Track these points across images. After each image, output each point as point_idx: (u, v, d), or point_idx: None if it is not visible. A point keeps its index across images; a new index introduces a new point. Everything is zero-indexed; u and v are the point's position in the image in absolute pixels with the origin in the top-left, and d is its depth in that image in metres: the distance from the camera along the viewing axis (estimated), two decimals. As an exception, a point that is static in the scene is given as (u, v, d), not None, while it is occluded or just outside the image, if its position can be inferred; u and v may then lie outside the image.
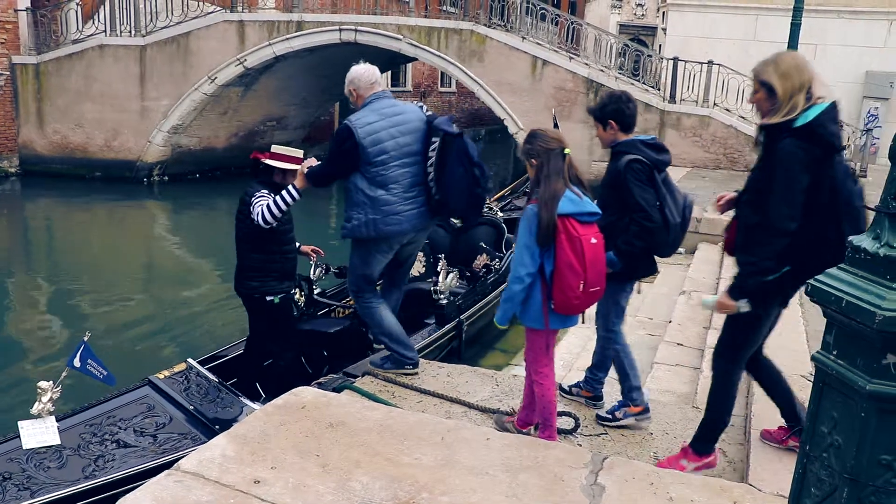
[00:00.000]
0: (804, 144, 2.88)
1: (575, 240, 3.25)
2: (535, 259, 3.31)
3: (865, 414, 1.59)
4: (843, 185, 2.95)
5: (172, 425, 4.23)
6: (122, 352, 7.53)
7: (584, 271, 3.25)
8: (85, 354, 4.03)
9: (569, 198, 3.31)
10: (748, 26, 17.23)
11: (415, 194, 4.26)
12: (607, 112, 3.77)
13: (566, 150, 3.40)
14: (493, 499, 2.89)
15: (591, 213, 3.37)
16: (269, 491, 2.85)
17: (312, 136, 21.56)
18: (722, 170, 14.28)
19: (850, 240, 1.69)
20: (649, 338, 6.05)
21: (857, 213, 2.93)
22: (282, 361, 5.01)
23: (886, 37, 16.84)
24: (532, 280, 3.36)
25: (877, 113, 16.71)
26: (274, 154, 4.79)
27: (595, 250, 3.31)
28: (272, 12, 17.71)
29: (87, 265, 11.35)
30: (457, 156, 4.16)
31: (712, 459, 3.45)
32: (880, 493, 1.61)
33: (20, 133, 16.62)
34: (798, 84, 2.95)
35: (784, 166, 2.90)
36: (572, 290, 3.26)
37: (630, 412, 3.97)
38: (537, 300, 3.38)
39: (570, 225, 3.27)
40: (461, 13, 16.56)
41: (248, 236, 4.72)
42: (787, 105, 2.95)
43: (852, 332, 1.62)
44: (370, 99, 4.33)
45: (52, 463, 3.75)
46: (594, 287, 3.33)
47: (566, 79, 14.89)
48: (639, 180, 3.58)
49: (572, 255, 3.24)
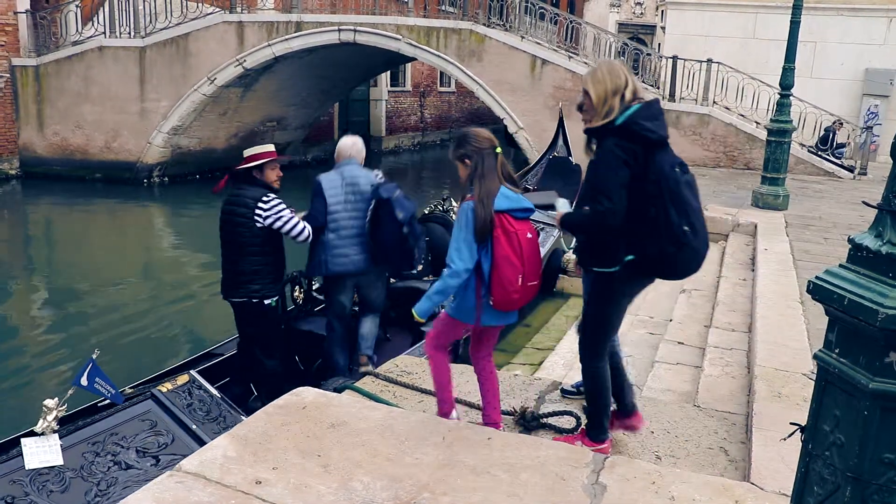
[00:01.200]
0: (622, 142, 3.16)
1: (511, 234, 3.31)
2: (474, 255, 3.35)
3: (868, 412, 1.58)
4: (668, 175, 3.17)
5: (174, 445, 4.19)
6: (122, 354, 7.53)
7: (523, 265, 3.31)
8: (93, 373, 3.98)
9: (504, 195, 3.37)
10: (747, 24, 17.23)
11: (358, 242, 5.20)
12: None
13: (497, 150, 3.46)
14: (495, 498, 2.89)
15: (525, 210, 3.43)
16: (271, 491, 2.85)
17: (312, 137, 21.55)
18: (722, 168, 14.27)
19: (852, 238, 1.68)
20: (650, 336, 6.04)
21: (681, 198, 3.16)
22: (267, 370, 5.01)
23: (886, 33, 16.84)
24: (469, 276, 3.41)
25: (877, 110, 16.70)
26: (249, 158, 4.91)
27: (531, 245, 3.38)
28: (271, 13, 17.72)
29: (87, 267, 11.35)
30: (389, 217, 5.04)
31: (606, 447, 3.57)
32: (883, 491, 1.60)
33: (20, 135, 16.64)
34: (612, 89, 3.23)
35: (604, 163, 3.20)
36: (511, 283, 3.31)
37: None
38: (471, 296, 3.42)
39: (507, 220, 3.33)
40: (460, 13, 16.55)
41: (253, 241, 4.72)
42: (604, 108, 3.24)
43: (855, 330, 1.62)
44: (342, 163, 5.30)
45: (54, 486, 3.67)
46: (532, 281, 3.39)
47: (566, 78, 14.88)
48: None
49: (510, 249, 3.30)
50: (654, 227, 3.16)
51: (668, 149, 3.29)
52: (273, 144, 5.30)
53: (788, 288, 6.04)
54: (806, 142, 14.55)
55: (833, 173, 13.99)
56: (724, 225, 9.15)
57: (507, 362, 6.70)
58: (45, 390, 5.70)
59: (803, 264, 6.93)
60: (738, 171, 13.96)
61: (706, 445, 3.77)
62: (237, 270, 4.84)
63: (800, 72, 10.97)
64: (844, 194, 11.71)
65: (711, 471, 3.49)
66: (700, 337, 5.72)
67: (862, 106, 16.92)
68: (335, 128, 23.68)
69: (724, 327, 5.65)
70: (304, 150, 21.31)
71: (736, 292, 6.55)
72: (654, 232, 3.16)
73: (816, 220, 9.36)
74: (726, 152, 14.45)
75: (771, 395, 3.97)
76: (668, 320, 6.28)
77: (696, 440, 3.82)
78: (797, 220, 9.29)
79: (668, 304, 6.83)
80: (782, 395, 3.99)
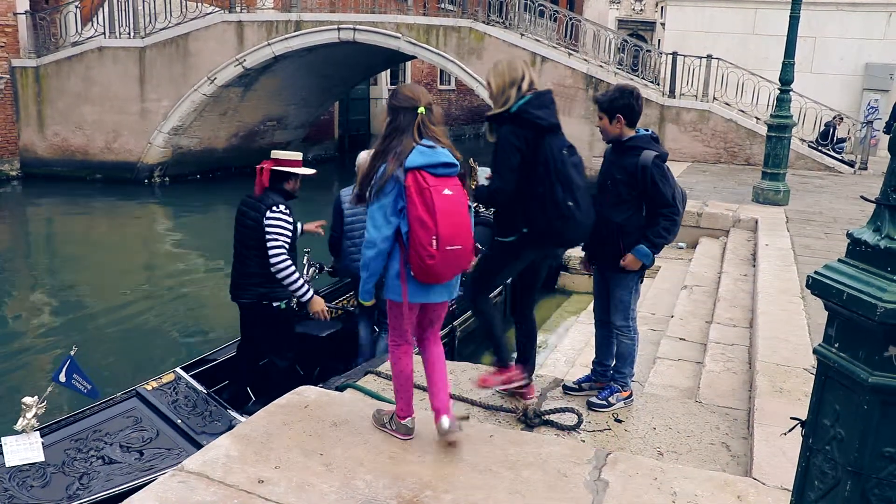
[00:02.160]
0: (515, 128, 3.60)
1: (424, 191, 3.01)
2: (389, 220, 3.07)
3: (868, 406, 1.59)
4: (556, 157, 3.59)
5: (159, 440, 4.19)
6: (120, 356, 7.55)
7: (436, 225, 2.98)
8: (71, 369, 3.99)
9: (419, 150, 3.08)
10: (747, 20, 17.20)
11: None
12: (617, 106, 3.85)
13: (420, 109, 3.16)
14: (497, 496, 2.89)
15: (446, 164, 3.12)
16: (274, 490, 2.86)
17: (312, 136, 21.56)
18: (722, 164, 14.26)
19: (851, 232, 1.69)
20: (651, 333, 6.05)
21: (567, 178, 3.58)
22: (280, 364, 4.99)
23: (886, 28, 16.81)
24: (389, 247, 3.11)
25: (877, 105, 16.67)
26: (278, 161, 4.78)
27: (450, 202, 3.05)
28: (270, 12, 17.71)
29: (88, 268, 11.35)
30: None
31: (513, 372, 3.97)
32: (884, 485, 1.61)
33: (21, 136, 16.65)
34: (509, 81, 3.63)
35: (500, 147, 3.63)
36: (424, 247, 2.98)
37: (622, 396, 4.09)
38: (394, 269, 3.13)
39: (420, 177, 3.03)
40: (459, 11, 16.55)
41: (261, 244, 4.67)
42: (502, 98, 3.65)
43: (854, 324, 1.62)
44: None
45: (35, 481, 3.68)
46: (453, 245, 3.03)
47: (565, 75, 14.88)
48: (664, 176, 3.78)
49: (422, 208, 3.00)
50: (543, 203, 3.59)
51: (559, 133, 3.69)
52: (300, 153, 5.09)
53: (789, 283, 6.04)
54: (806, 137, 14.53)
55: (833, 168, 13.97)
56: (725, 221, 9.15)
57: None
58: (42, 391, 5.71)
59: (804, 259, 6.93)
60: (739, 167, 13.94)
61: (708, 441, 3.78)
62: (246, 272, 4.80)
63: (800, 67, 10.96)
64: (845, 189, 11.70)
65: (713, 466, 3.49)
66: (701, 333, 5.72)
67: (862, 101, 16.88)
68: (335, 126, 23.70)
69: (725, 323, 5.65)
70: (305, 148, 21.29)
71: (737, 288, 6.55)
72: (543, 206, 3.59)
73: (817, 216, 9.36)
74: (727, 148, 14.44)
75: (772, 391, 3.98)
76: (669, 316, 6.28)
77: (697, 436, 3.83)
78: (798, 215, 9.28)
79: (670, 301, 6.84)
80: (784, 390, 3.99)
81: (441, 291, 3.22)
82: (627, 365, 4.08)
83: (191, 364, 5.08)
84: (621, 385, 4.09)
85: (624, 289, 3.96)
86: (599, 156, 15.27)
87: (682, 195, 3.94)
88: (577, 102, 14.73)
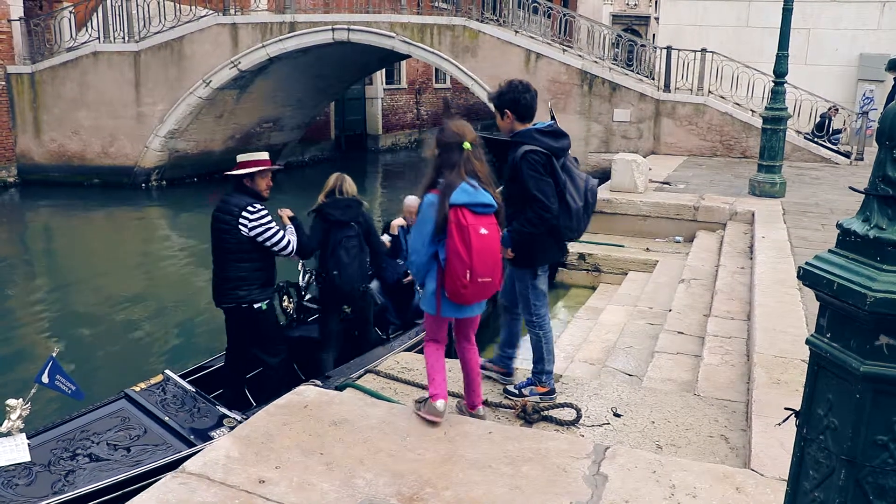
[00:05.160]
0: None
1: (464, 228, 3.33)
2: (426, 245, 3.43)
3: (860, 395, 1.60)
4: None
5: (147, 437, 4.21)
6: (114, 360, 7.55)
7: (471, 260, 3.32)
8: (53, 370, 4.02)
9: (463, 189, 3.39)
10: (740, 13, 17.20)
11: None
12: (504, 101, 3.88)
13: (465, 145, 3.47)
14: (497, 492, 2.91)
15: (485, 205, 3.43)
16: (274, 490, 2.87)
17: (309, 137, 21.56)
18: (719, 157, 14.27)
19: (840, 223, 1.70)
20: (649, 327, 6.06)
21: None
22: (273, 367, 5.02)
23: (880, 19, 16.81)
24: (428, 267, 3.48)
25: (872, 95, 16.67)
26: (241, 164, 4.91)
27: (485, 241, 3.38)
28: (264, 14, 17.71)
29: (86, 273, 11.34)
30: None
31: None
32: (877, 473, 1.62)
33: (17, 142, 16.64)
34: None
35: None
36: (459, 278, 3.35)
37: (536, 391, 4.11)
38: (431, 287, 3.50)
39: (462, 214, 3.35)
40: (453, 9, 16.52)
41: (239, 247, 4.75)
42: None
43: (845, 314, 1.63)
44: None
45: (20, 480, 3.70)
46: (484, 278, 3.39)
47: (560, 71, 14.88)
48: (535, 171, 3.75)
49: (460, 243, 3.33)
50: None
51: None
52: (267, 151, 5.25)
53: (786, 275, 6.05)
54: (802, 129, 14.54)
55: (829, 159, 13.98)
56: (722, 214, 9.17)
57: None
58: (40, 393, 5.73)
59: (801, 251, 6.94)
60: (735, 160, 13.95)
61: (707, 434, 3.80)
62: (224, 277, 4.87)
63: (794, 59, 10.96)
64: (841, 180, 11.70)
65: (712, 459, 3.51)
66: (699, 326, 5.74)
67: (857, 92, 16.88)
68: (331, 127, 23.71)
69: (723, 316, 5.66)
70: (301, 150, 21.33)
71: (734, 281, 6.57)
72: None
73: (813, 207, 9.37)
74: (722, 141, 14.45)
75: (770, 382, 3.99)
76: (667, 310, 6.29)
77: (696, 429, 3.84)
78: (794, 207, 9.29)
79: (668, 294, 6.85)
80: (781, 381, 4.00)
81: (467, 308, 3.57)
82: (538, 360, 4.09)
83: (186, 372, 5.10)
84: (537, 381, 4.11)
85: (519, 281, 4.03)
86: (594, 151, 15.31)
87: (588, 186, 3.93)
88: (572, 98, 14.75)
